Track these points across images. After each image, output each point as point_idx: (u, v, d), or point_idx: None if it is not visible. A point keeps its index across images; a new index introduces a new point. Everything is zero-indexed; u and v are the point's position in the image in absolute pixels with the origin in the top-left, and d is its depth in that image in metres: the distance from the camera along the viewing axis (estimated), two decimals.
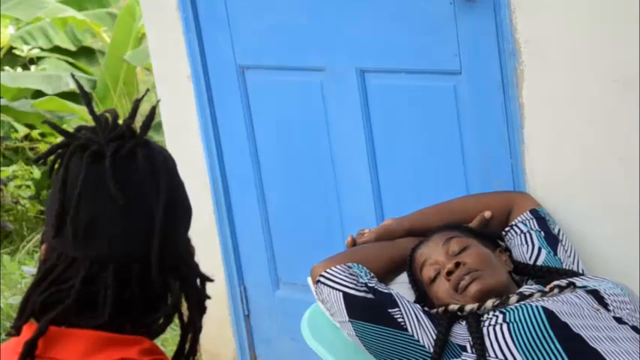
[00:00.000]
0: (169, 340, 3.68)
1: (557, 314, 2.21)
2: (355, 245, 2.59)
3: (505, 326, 2.22)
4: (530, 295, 2.31)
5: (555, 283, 2.37)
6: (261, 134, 3.25)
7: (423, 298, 2.46)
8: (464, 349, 2.25)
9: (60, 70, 6.41)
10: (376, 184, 3.03)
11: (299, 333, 2.52)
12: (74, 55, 6.80)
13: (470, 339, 2.25)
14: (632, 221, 2.56)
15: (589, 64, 2.53)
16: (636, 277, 2.54)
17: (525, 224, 2.58)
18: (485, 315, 2.28)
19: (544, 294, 2.31)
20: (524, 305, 2.25)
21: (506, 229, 2.61)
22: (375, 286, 2.40)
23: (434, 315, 2.36)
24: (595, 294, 2.31)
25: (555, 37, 2.55)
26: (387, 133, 2.96)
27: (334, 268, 2.46)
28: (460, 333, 2.28)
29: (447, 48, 2.74)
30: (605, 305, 2.29)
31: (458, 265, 2.37)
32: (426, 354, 2.29)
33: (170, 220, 1.48)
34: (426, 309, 2.40)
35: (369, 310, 2.37)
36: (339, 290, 2.41)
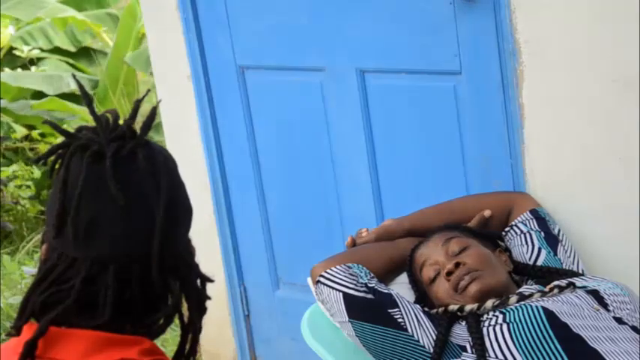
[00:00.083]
0: (169, 341, 3.68)
1: (557, 314, 2.21)
2: (355, 245, 2.59)
3: (505, 326, 2.22)
4: (530, 296, 2.31)
5: (555, 283, 2.37)
6: (261, 134, 3.25)
7: (422, 298, 2.46)
8: (464, 349, 2.25)
9: (60, 71, 6.41)
10: (376, 184, 3.03)
11: (299, 333, 2.52)
12: (74, 56, 6.80)
13: (470, 339, 2.25)
14: (632, 221, 2.56)
15: (589, 64, 2.53)
16: (636, 277, 2.54)
17: (525, 224, 2.58)
18: (485, 315, 2.28)
19: (544, 294, 2.31)
20: (524, 305, 2.25)
21: (506, 229, 2.61)
22: (375, 287, 2.40)
23: (434, 315, 2.36)
24: (595, 294, 2.31)
25: (555, 37, 2.55)
26: (387, 133, 2.96)
27: (334, 268, 2.46)
28: (460, 333, 2.28)
29: (447, 48, 2.74)
30: (605, 305, 2.29)
31: (458, 266, 2.37)
32: (426, 354, 2.29)
33: (170, 221, 1.47)
34: (426, 309, 2.40)
35: (368, 311, 2.37)
36: (338, 290, 2.41)
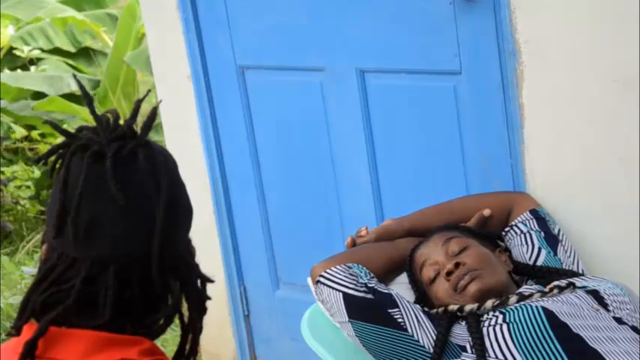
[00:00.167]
0: (169, 341, 3.68)
1: (557, 314, 2.21)
2: (355, 245, 2.59)
3: (505, 326, 2.22)
4: (530, 296, 2.31)
5: (555, 283, 2.37)
6: (261, 134, 3.25)
7: (422, 298, 2.46)
8: (464, 349, 2.25)
9: (60, 71, 6.40)
10: (376, 184, 3.03)
11: (299, 333, 2.52)
12: (73, 56, 6.79)
13: (470, 339, 2.25)
14: (632, 221, 2.56)
15: (589, 64, 2.53)
16: (636, 277, 2.54)
17: (525, 224, 2.58)
18: (485, 315, 2.28)
19: (544, 294, 2.31)
20: (524, 305, 2.25)
21: (506, 229, 2.61)
22: (375, 287, 2.40)
23: (434, 315, 2.36)
24: (595, 294, 2.31)
25: (555, 37, 2.55)
26: (387, 133, 2.96)
27: (334, 268, 2.45)
28: (460, 333, 2.28)
29: (447, 48, 2.74)
30: (605, 305, 2.28)
31: (457, 266, 2.37)
32: (426, 354, 2.29)
33: (171, 221, 1.47)
34: (426, 309, 2.40)
35: (368, 311, 2.37)
36: (338, 290, 2.41)
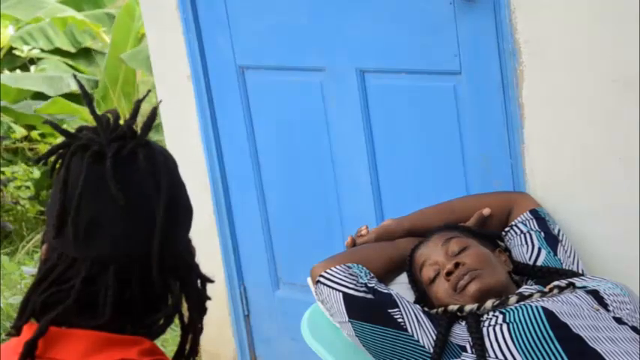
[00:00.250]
0: (169, 341, 3.68)
1: (557, 314, 2.21)
2: (355, 245, 2.59)
3: (505, 326, 2.22)
4: (530, 296, 2.31)
5: (555, 283, 2.37)
6: (261, 134, 3.25)
7: (422, 298, 2.46)
8: (464, 349, 2.25)
9: (59, 71, 6.40)
10: (376, 184, 3.03)
11: (299, 333, 2.52)
12: (73, 56, 6.79)
13: (470, 339, 2.25)
14: (632, 221, 2.56)
15: (589, 64, 2.53)
16: (636, 277, 2.54)
17: (525, 224, 2.58)
18: (485, 315, 2.28)
19: (544, 294, 2.31)
20: (523, 306, 2.25)
21: (506, 229, 2.61)
22: (375, 287, 2.40)
23: (434, 315, 2.36)
24: (595, 294, 2.31)
25: (555, 37, 2.55)
26: (387, 133, 2.96)
27: (334, 268, 2.45)
28: (460, 333, 2.28)
29: (447, 48, 2.74)
30: (605, 305, 2.28)
31: (457, 266, 2.37)
32: (426, 354, 2.29)
33: (171, 221, 1.47)
34: (426, 309, 2.40)
35: (368, 311, 2.37)
36: (338, 290, 2.41)
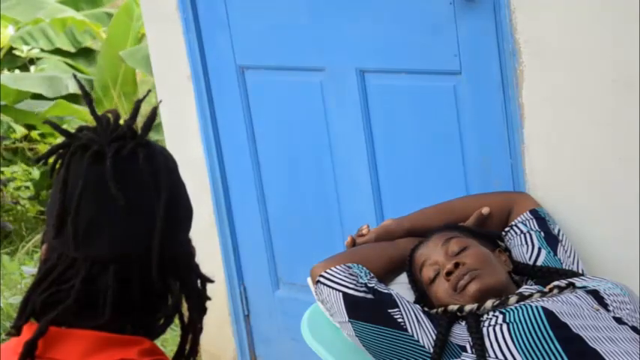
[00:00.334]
0: (169, 341, 3.68)
1: (557, 314, 2.21)
2: (355, 245, 2.59)
3: (505, 326, 2.22)
4: (530, 296, 2.31)
5: (555, 283, 2.37)
6: (261, 134, 3.25)
7: (422, 298, 2.46)
8: (464, 349, 2.25)
9: (59, 71, 6.40)
10: (376, 184, 3.03)
11: (299, 333, 2.52)
12: (73, 56, 6.79)
13: (470, 339, 2.25)
14: (632, 221, 2.56)
15: (589, 64, 2.53)
16: (636, 277, 2.54)
17: (525, 224, 2.58)
18: (485, 315, 2.28)
19: (544, 294, 2.31)
20: (523, 306, 2.25)
21: (506, 229, 2.61)
22: (375, 287, 2.40)
23: (434, 315, 2.36)
24: (595, 294, 2.31)
25: (555, 37, 2.55)
26: (387, 133, 2.96)
27: (334, 268, 2.45)
28: (460, 333, 2.28)
29: (447, 48, 2.74)
30: (605, 305, 2.28)
31: (457, 266, 2.37)
32: (426, 354, 2.29)
33: (171, 221, 1.47)
34: (426, 309, 2.40)
35: (368, 311, 2.37)
36: (338, 290, 2.41)
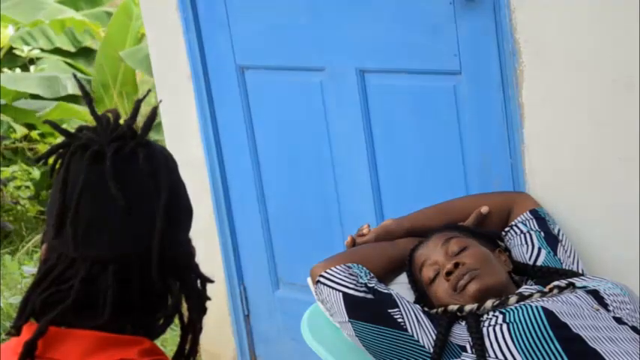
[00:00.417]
0: (169, 341, 3.68)
1: (557, 314, 2.21)
2: (355, 245, 2.59)
3: (505, 326, 2.22)
4: (530, 296, 2.31)
5: (555, 283, 2.37)
6: (261, 134, 3.25)
7: (422, 298, 2.46)
8: (464, 349, 2.25)
9: (58, 71, 6.39)
10: (376, 184, 3.03)
11: (299, 333, 2.52)
12: (73, 56, 6.79)
13: (470, 339, 2.25)
14: (632, 221, 2.56)
15: (589, 64, 2.53)
16: (636, 277, 2.54)
17: (525, 224, 2.58)
18: (485, 315, 2.28)
19: (543, 294, 2.31)
20: (523, 305, 2.25)
21: (506, 229, 2.61)
22: (375, 287, 2.40)
23: (434, 315, 2.36)
24: (595, 294, 2.31)
25: (555, 37, 2.55)
26: (387, 133, 2.96)
27: (334, 268, 2.45)
28: (460, 333, 2.28)
29: (447, 48, 2.74)
30: (605, 305, 2.28)
31: (457, 266, 2.37)
32: (426, 354, 2.29)
33: (171, 221, 1.47)
34: (426, 309, 2.40)
35: (368, 311, 2.37)
36: (338, 290, 2.41)
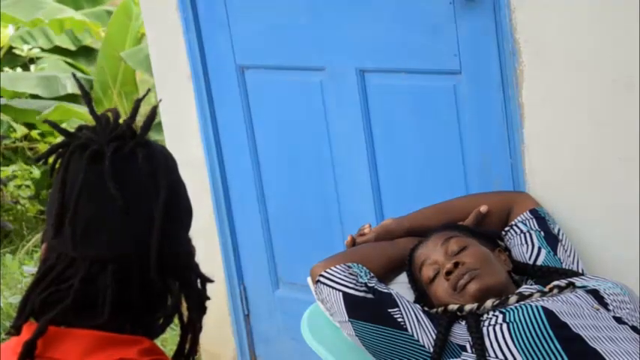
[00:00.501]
0: (169, 340, 3.68)
1: (557, 314, 2.21)
2: (355, 245, 2.59)
3: (505, 326, 2.22)
4: (530, 295, 2.31)
5: (555, 283, 2.37)
6: (261, 134, 3.25)
7: (422, 298, 2.46)
8: (464, 349, 2.25)
9: (58, 70, 6.39)
10: (376, 184, 3.03)
11: (299, 333, 2.52)
12: (73, 55, 6.78)
13: (470, 339, 2.25)
14: (632, 221, 2.56)
15: (589, 64, 2.53)
16: (636, 277, 2.54)
17: (525, 224, 2.58)
18: (485, 315, 2.28)
19: (543, 294, 2.31)
20: (523, 305, 2.25)
21: (506, 228, 2.61)
22: (375, 286, 2.40)
23: (433, 315, 2.36)
24: (595, 294, 2.31)
25: (555, 37, 2.55)
26: (387, 133, 2.96)
27: (334, 267, 2.45)
28: (460, 333, 2.28)
29: (447, 48, 2.74)
30: (605, 305, 2.28)
31: (457, 265, 2.37)
32: (426, 354, 2.29)
33: (170, 221, 1.47)
34: (426, 309, 2.40)
35: (368, 310, 2.37)
36: (338, 290, 2.41)
